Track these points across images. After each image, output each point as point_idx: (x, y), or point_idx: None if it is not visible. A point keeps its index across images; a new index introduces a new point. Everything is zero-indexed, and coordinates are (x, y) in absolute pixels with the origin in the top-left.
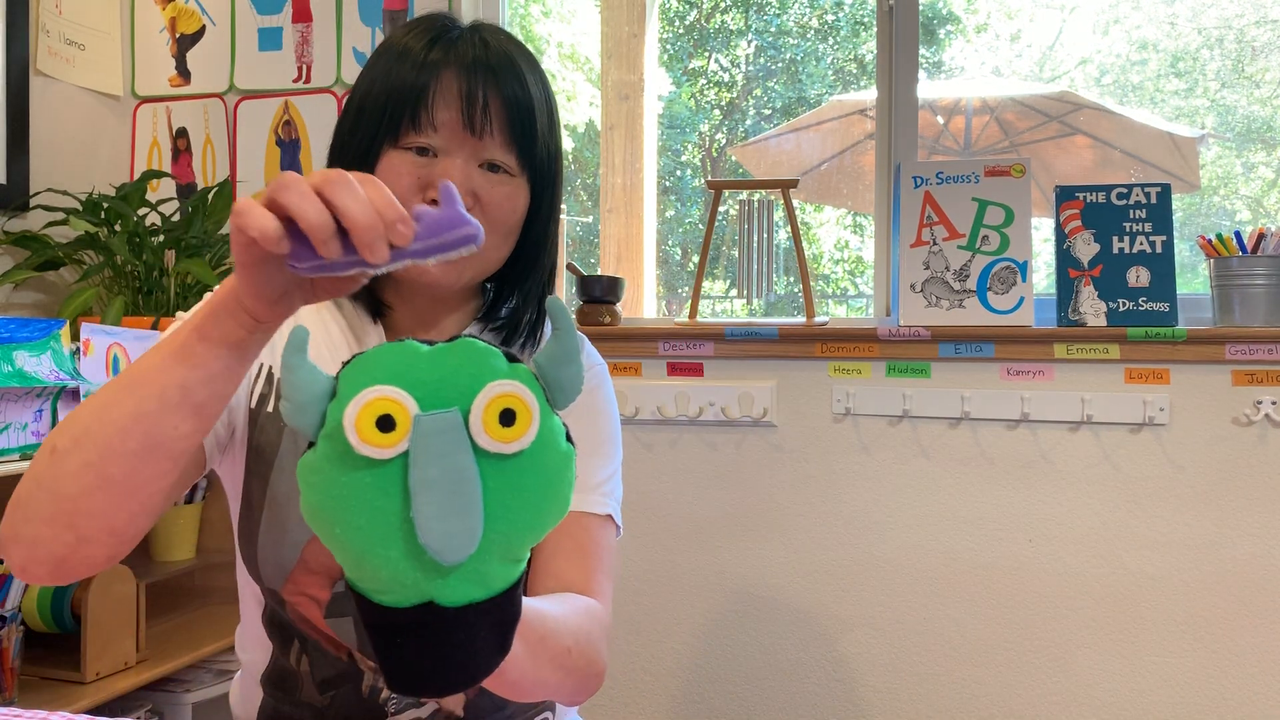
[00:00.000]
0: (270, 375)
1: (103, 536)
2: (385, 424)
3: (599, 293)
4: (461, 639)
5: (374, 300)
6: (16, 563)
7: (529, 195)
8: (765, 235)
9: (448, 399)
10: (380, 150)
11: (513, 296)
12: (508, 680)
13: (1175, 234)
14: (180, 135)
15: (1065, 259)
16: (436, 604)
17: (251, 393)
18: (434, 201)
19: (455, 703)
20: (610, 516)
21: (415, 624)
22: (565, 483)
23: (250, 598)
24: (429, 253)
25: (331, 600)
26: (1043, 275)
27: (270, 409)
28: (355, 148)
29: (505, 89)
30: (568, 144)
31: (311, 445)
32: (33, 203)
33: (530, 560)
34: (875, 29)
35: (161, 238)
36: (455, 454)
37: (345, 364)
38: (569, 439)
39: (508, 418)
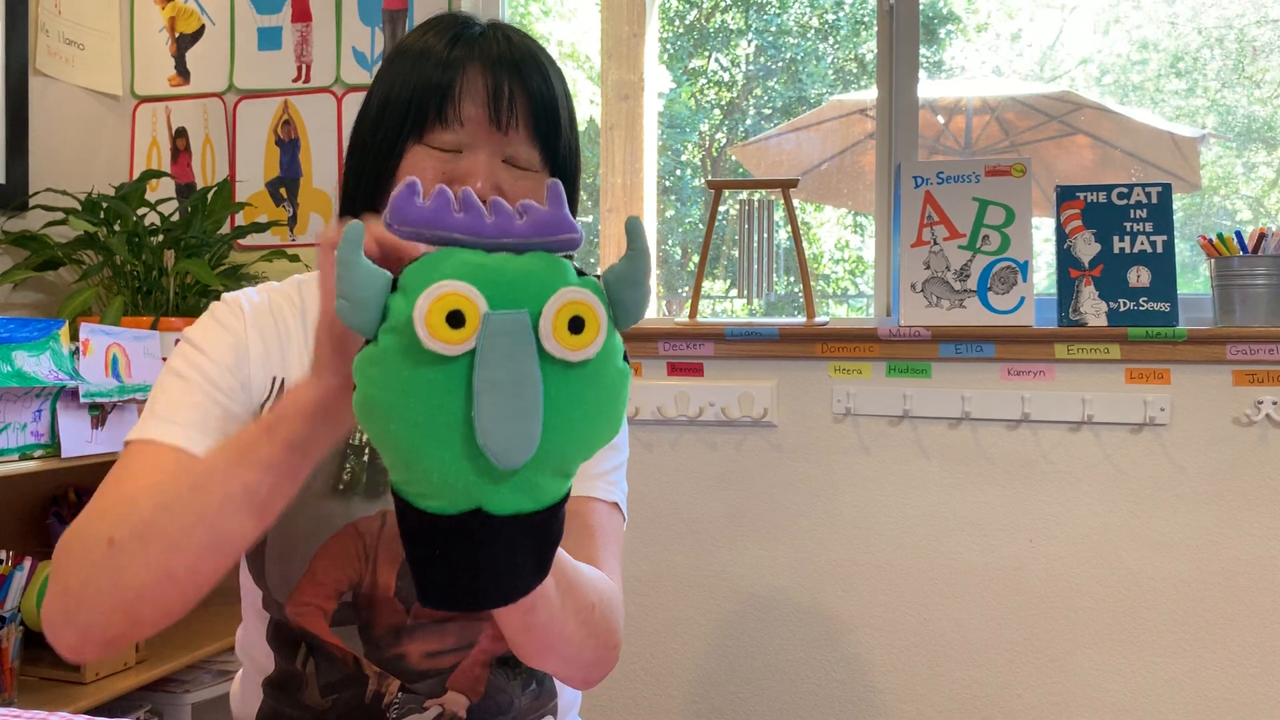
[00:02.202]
0: (283, 386)
1: (159, 620)
2: (455, 320)
3: None
4: (503, 551)
5: None
6: (67, 643)
7: None
8: (765, 235)
9: (518, 301)
10: (405, 147)
11: None
12: (536, 622)
13: (1176, 234)
14: (179, 135)
15: (1066, 259)
16: (484, 511)
17: (263, 405)
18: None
19: (459, 705)
20: (617, 505)
21: (459, 531)
22: (621, 401)
23: (252, 608)
24: (528, 247)
25: (337, 609)
26: (1043, 275)
27: None
28: (378, 146)
29: (530, 84)
30: None
31: (369, 343)
32: (32, 202)
33: None
34: (875, 28)
35: (161, 237)
36: (522, 356)
37: (411, 262)
38: (626, 359)
39: (576, 325)
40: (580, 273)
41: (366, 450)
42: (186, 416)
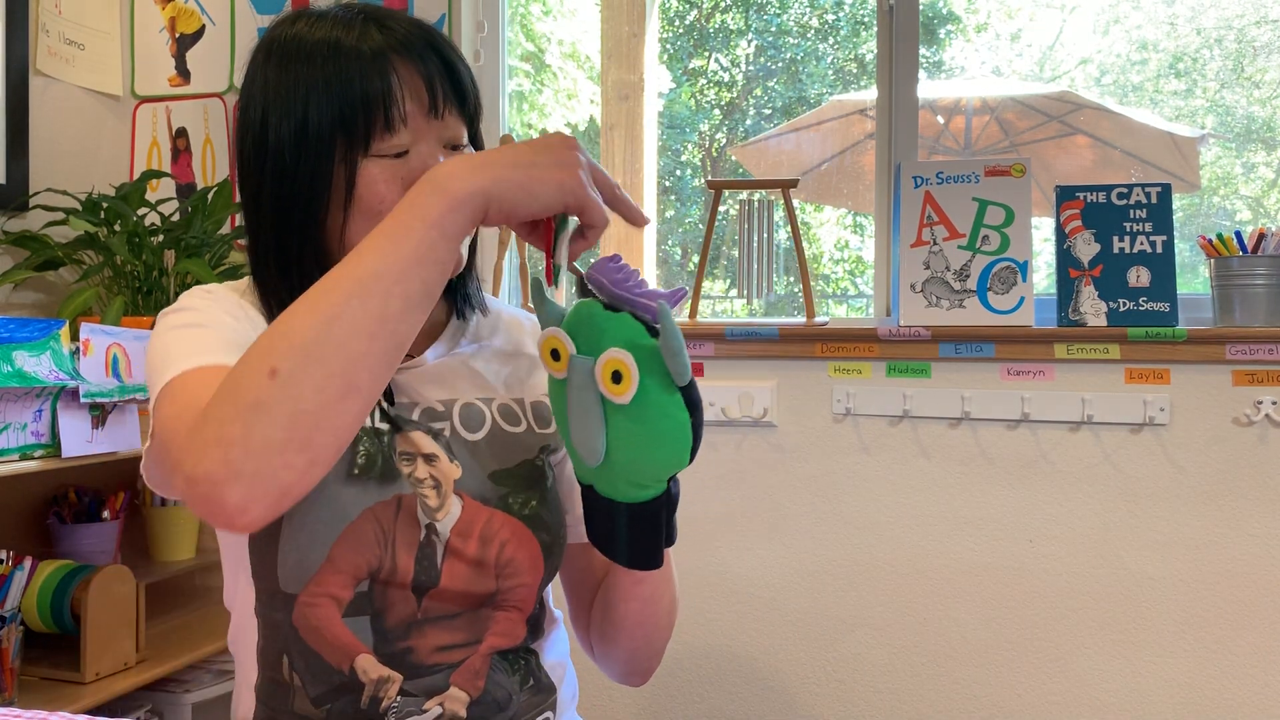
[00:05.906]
0: None
1: (330, 455)
2: (555, 355)
3: None
4: (608, 522)
5: None
6: (234, 502)
7: None
8: (765, 235)
9: (592, 351)
10: (355, 164)
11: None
12: (663, 578)
13: (1176, 234)
14: (180, 135)
15: (1065, 259)
16: (593, 489)
17: None
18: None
19: (459, 703)
20: None
21: (588, 496)
22: (673, 444)
23: (243, 610)
24: (621, 304)
25: (353, 599)
26: (1043, 275)
27: None
28: (309, 167)
29: (448, 58)
30: None
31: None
32: (32, 202)
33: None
34: (875, 29)
35: (161, 238)
36: (588, 390)
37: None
38: (697, 411)
39: (616, 377)
40: (653, 332)
41: (385, 433)
42: (220, 343)
